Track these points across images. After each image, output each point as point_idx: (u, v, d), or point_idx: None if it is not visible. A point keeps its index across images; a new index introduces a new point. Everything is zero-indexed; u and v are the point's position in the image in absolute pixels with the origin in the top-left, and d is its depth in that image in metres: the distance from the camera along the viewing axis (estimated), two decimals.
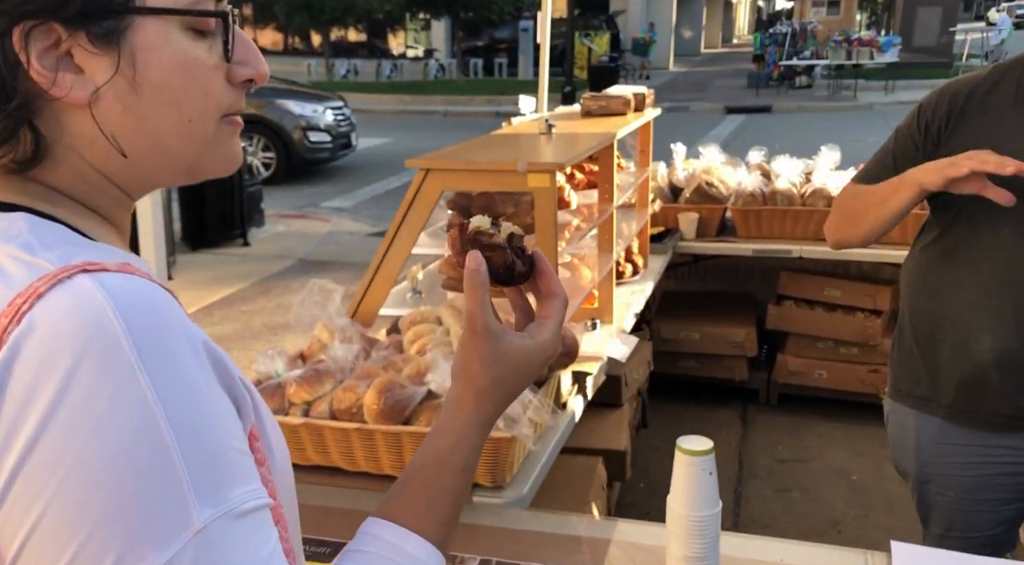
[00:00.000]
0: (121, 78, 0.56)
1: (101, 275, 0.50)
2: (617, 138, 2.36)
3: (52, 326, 0.48)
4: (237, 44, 0.61)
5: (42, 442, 0.46)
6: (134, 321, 0.49)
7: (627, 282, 2.76)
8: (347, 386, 1.63)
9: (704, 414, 3.52)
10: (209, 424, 0.50)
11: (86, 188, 0.59)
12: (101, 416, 0.47)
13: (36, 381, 0.47)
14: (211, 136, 0.61)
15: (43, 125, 0.56)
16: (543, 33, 3.57)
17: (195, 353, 0.52)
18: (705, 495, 1.27)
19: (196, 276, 5.66)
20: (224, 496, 0.50)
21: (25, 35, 0.52)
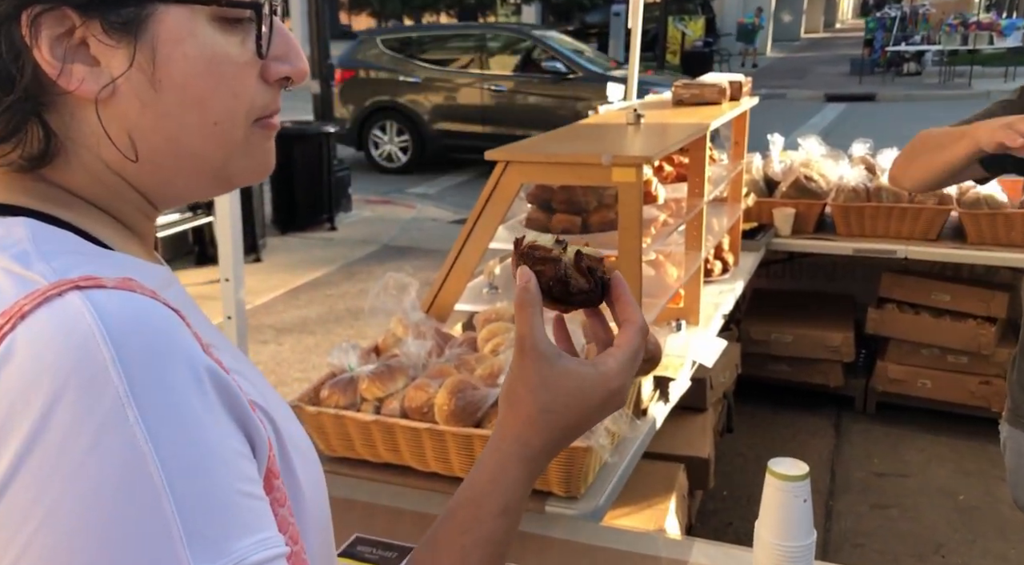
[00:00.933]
0: (139, 73, 0.50)
1: (95, 293, 0.44)
2: (710, 129, 2.23)
3: (33, 352, 0.42)
4: (274, 38, 0.54)
5: (13, 490, 0.40)
6: (125, 347, 0.42)
7: (716, 281, 2.62)
8: (419, 384, 1.59)
9: (794, 421, 3.34)
10: (209, 467, 0.44)
11: (103, 191, 0.54)
12: (81, 459, 0.41)
13: (10, 416, 0.41)
14: (240, 141, 0.54)
15: (55, 120, 0.51)
16: (635, 18, 3.44)
17: (197, 383, 0.45)
18: (798, 524, 1.16)
19: (284, 259, 5.79)
20: (225, 548, 0.43)
21: (33, 19, 0.47)
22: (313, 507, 0.55)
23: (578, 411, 0.61)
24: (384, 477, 1.59)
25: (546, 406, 0.60)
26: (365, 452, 1.61)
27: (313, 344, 4.29)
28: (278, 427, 0.53)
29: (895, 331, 3.26)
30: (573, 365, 0.61)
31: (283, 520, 0.50)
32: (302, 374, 3.90)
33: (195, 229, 5.33)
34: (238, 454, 0.46)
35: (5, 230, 0.48)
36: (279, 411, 0.55)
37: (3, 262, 0.46)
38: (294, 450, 0.55)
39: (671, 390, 1.90)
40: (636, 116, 2.21)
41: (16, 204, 0.50)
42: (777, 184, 3.24)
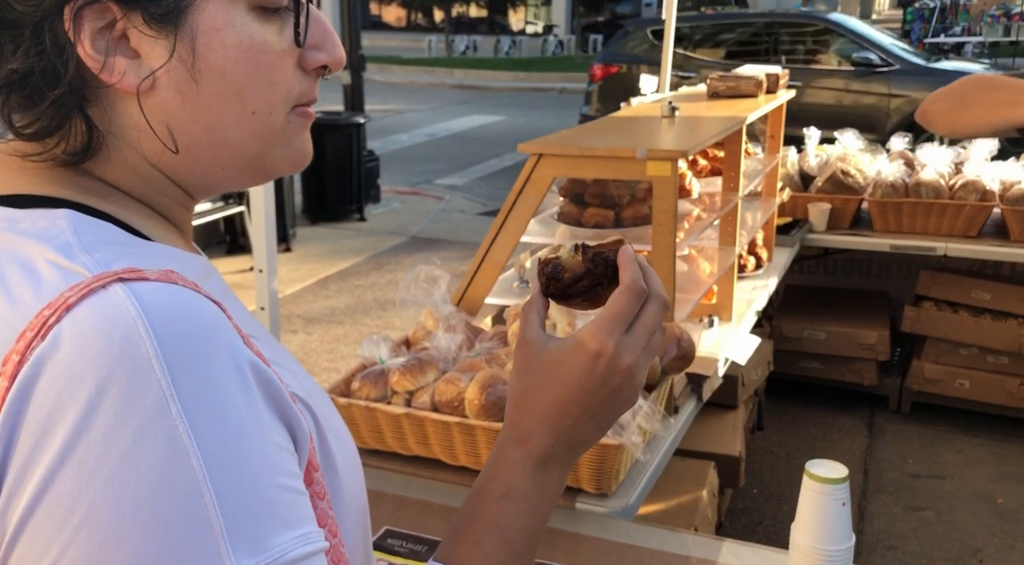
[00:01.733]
0: (179, 64, 0.49)
1: (138, 285, 0.44)
2: (746, 123, 2.19)
3: (77, 345, 0.42)
4: (311, 26, 0.54)
5: (58, 481, 0.40)
6: (169, 340, 0.42)
7: (749, 276, 2.59)
8: (449, 378, 1.59)
9: (826, 419, 3.29)
10: (251, 461, 0.44)
11: (142, 184, 0.53)
12: (124, 454, 0.41)
13: (55, 410, 0.41)
14: (278, 130, 0.54)
15: (96, 114, 0.50)
16: (669, 9, 3.39)
17: (240, 377, 0.45)
18: (836, 528, 1.14)
19: (313, 249, 5.83)
20: (266, 544, 0.43)
21: (76, 13, 0.47)
22: (351, 496, 0.55)
23: (561, 383, 0.59)
24: (414, 470, 1.59)
25: (530, 386, 0.60)
26: (395, 445, 1.61)
27: (341, 334, 4.31)
28: (317, 417, 0.53)
29: (932, 330, 3.19)
30: (555, 343, 0.60)
31: (322, 513, 0.50)
32: (330, 364, 3.93)
33: (226, 219, 5.38)
34: (279, 448, 0.46)
35: (48, 222, 0.48)
36: (317, 399, 0.55)
37: (47, 253, 0.46)
38: (334, 439, 0.54)
39: (703, 387, 1.87)
40: (671, 109, 2.18)
41: (57, 196, 0.50)
42: (813, 179, 3.18)
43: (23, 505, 0.41)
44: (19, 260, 0.46)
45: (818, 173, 3.16)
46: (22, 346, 0.42)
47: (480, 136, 10.70)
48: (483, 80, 16.83)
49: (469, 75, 17.38)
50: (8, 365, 0.42)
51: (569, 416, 0.59)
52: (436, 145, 10.12)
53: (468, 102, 14.18)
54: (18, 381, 0.41)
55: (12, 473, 0.41)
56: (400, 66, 18.15)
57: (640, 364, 0.59)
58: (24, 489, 0.41)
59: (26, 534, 0.41)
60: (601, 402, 0.59)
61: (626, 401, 0.60)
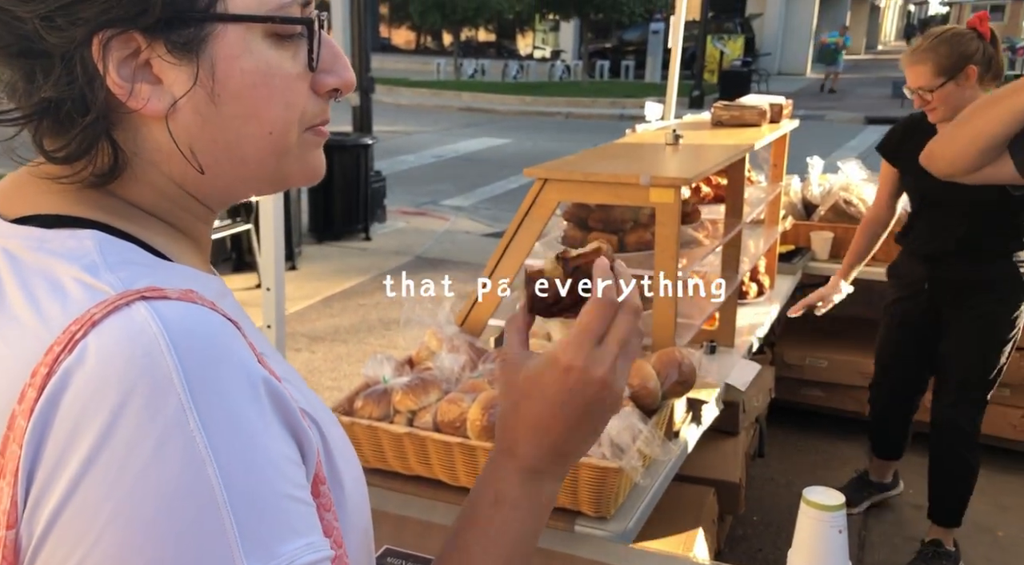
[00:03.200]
0: (200, 89, 0.52)
1: (160, 303, 0.46)
2: (750, 152, 2.22)
3: (102, 359, 0.44)
4: (323, 51, 0.57)
5: (81, 490, 0.43)
6: (188, 357, 0.45)
7: (751, 303, 2.60)
8: (452, 398, 1.60)
9: (827, 447, 3.28)
10: (263, 472, 0.46)
11: (164, 202, 0.56)
12: (146, 462, 0.43)
13: (81, 419, 0.43)
14: (293, 148, 0.57)
15: (121, 137, 0.53)
16: (675, 37, 3.44)
17: (253, 393, 0.47)
18: (833, 555, 1.15)
19: (318, 268, 5.86)
20: (276, 551, 0.45)
21: (104, 44, 0.50)
22: (355, 512, 0.57)
23: (539, 398, 0.61)
24: (415, 490, 1.60)
25: (513, 403, 0.62)
26: (397, 464, 1.62)
27: (345, 353, 4.33)
28: (324, 433, 0.55)
29: None
30: (532, 360, 0.62)
31: (328, 525, 0.51)
32: (333, 382, 3.94)
33: (233, 236, 5.42)
34: (289, 460, 0.48)
35: (76, 242, 0.50)
36: (324, 416, 0.57)
37: (74, 272, 0.49)
38: (339, 456, 0.56)
39: (703, 413, 1.88)
40: (675, 137, 2.21)
41: (84, 216, 0.53)
42: (815, 207, 3.21)
43: (50, 509, 0.43)
44: (48, 278, 0.49)
45: (821, 202, 3.19)
46: (50, 359, 0.44)
47: (487, 158, 10.78)
48: (490, 103, 16.98)
49: (477, 98, 17.53)
50: (37, 377, 0.44)
51: (551, 430, 0.61)
52: (443, 166, 10.19)
53: (475, 125, 14.30)
54: (46, 392, 0.44)
55: (40, 479, 0.43)
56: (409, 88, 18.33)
57: (617, 373, 0.60)
58: (51, 494, 0.43)
59: (53, 536, 0.43)
60: (580, 415, 0.60)
61: (608, 409, 0.61)
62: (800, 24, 24.97)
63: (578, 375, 0.59)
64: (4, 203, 0.54)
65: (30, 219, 0.52)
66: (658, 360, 1.67)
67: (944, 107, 2.21)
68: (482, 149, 11.58)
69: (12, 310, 0.48)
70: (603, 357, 0.59)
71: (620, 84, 20.07)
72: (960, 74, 2.18)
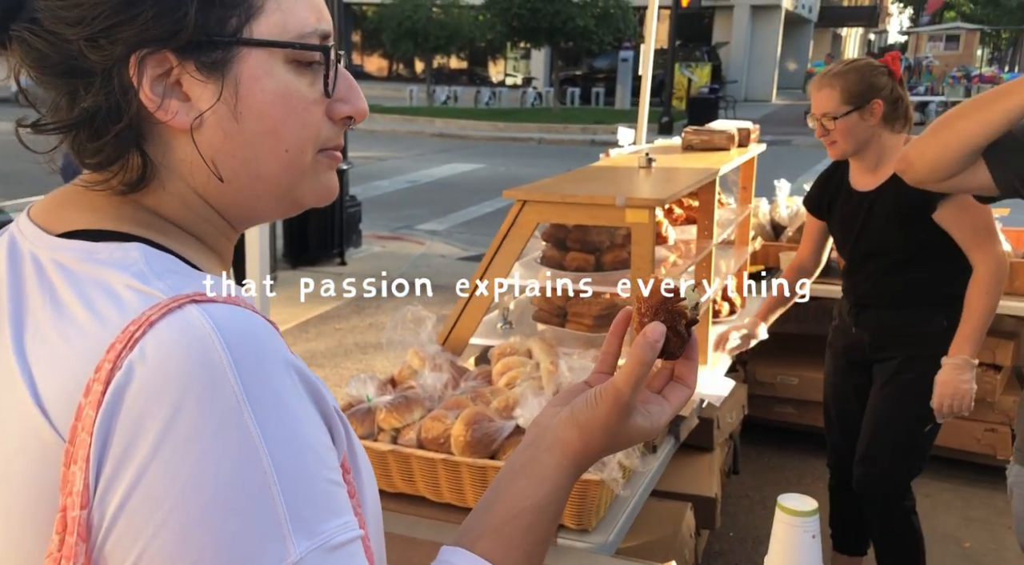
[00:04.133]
0: (223, 105, 0.57)
1: (209, 306, 0.51)
2: (719, 175, 2.30)
3: (162, 355, 0.49)
4: (339, 81, 0.62)
5: (150, 474, 0.47)
6: (239, 354, 0.49)
7: (723, 321, 2.67)
8: (436, 415, 1.63)
9: (800, 464, 3.35)
10: (307, 458, 0.51)
11: (191, 216, 0.60)
12: (206, 449, 0.48)
13: (146, 410, 0.48)
14: (308, 167, 0.62)
15: (151, 149, 0.58)
16: (646, 65, 3.55)
17: (295, 386, 0.52)
18: (807, 559, 1.19)
19: (294, 293, 5.85)
20: (319, 529, 0.50)
21: (140, 62, 0.55)
22: (372, 504, 0.61)
23: (622, 447, 0.68)
24: (398, 507, 1.62)
25: (608, 447, 0.67)
26: (381, 482, 1.64)
27: (323, 377, 4.30)
28: (347, 429, 0.59)
29: None
30: (640, 420, 0.67)
31: (354, 509, 0.55)
32: None
33: None
34: (326, 447, 0.53)
35: (123, 253, 0.55)
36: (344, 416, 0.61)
37: (126, 280, 0.53)
38: (358, 449, 0.61)
39: (680, 428, 1.93)
40: (648, 160, 2.28)
41: (125, 231, 0.57)
42: (783, 228, 3.30)
43: (121, 491, 0.47)
44: (101, 285, 0.53)
45: (788, 223, 3.28)
46: (113, 356, 0.49)
47: (461, 183, 10.85)
48: (463, 129, 17.11)
49: (450, 124, 17.67)
50: (102, 372, 0.49)
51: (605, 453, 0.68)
52: (417, 192, 10.24)
53: (449, 150, 14.40)
54: (112, 385, 0.48)
55: (110, 464, 0.48)
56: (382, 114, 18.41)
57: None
58: (122, 478, 0.47)
59: (123, 517, 0.47)
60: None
61: None
62: (765, 52, 25.60)
63: (655, 434, 0.71)
64: (48, 220, 0.58)
65: (75, 234, 0.57)
66: None
67: (844, 141, 2.09)
68: (456, 174, 11.66)
69: (70, 314, 0.52)
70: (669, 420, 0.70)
71: (591, 110, 20.36)
72: (866, 107, 2.05)
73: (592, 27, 18.73)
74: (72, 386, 0.49)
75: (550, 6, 18.39)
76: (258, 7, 0.57)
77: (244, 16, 0.57)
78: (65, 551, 0.48)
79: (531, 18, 18.60)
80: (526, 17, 18.65)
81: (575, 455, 0.66)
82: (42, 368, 0.52)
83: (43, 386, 0.51)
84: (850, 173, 2.25)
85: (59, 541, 0.48)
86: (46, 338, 0.52)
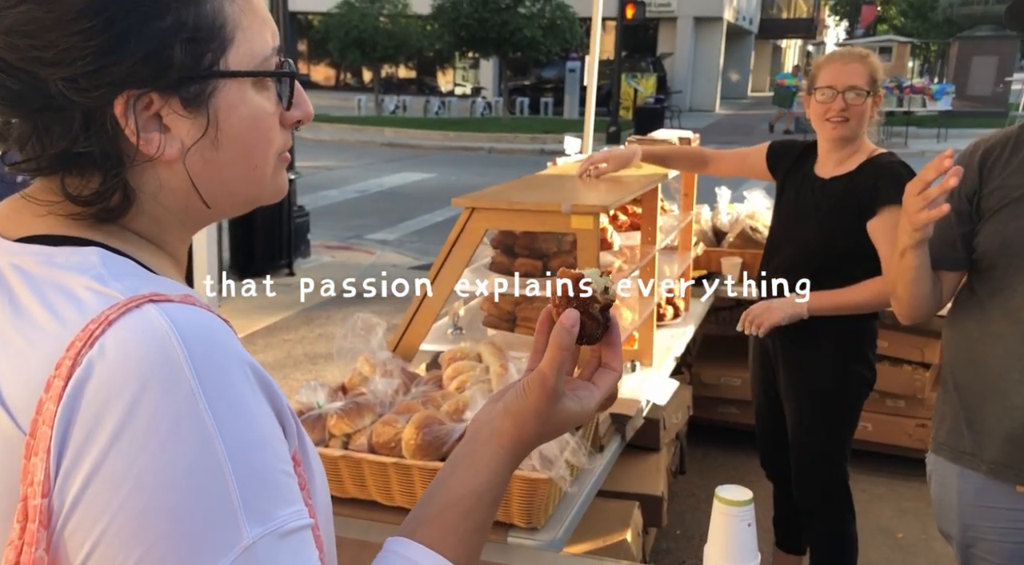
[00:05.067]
0: (206, 136, 0.60)
1: (166, 305, 0.54)
2: (662, 182, 2.38)
3: (121, 352, 0.51)
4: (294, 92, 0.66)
5: (109, 461, 0.50)
6: (195, 350, 0.52)
7: (668, 325, 2.75)
8: (386, 420, 1.65)
9: (745, 462, 3.44)
10: (260, 448, 0.54)
11: (156, 229, 0.63)
12: (163, 439, 0.50)
13: (106, 403, 0.50)
14: (269, 175, 0.66)
15: (131, 178, 0.60)
16: (590, 76, 3.63)
17: (248, 380, 0.55)
18: (743, 547, 1.25)
19: (241, 304, 5.77)
20: (272, 515, 0.53)
21: (127, 104, 0.57)
22: (323, 499, 0.64)
23: (555, 435, 0.73)
24: (351, 512, 1.63)
25: (542, 433, 0.71)
26: (332, 488, 1.65)
27: None
28: (299, 425, 0.63)
29: None
30: (569, 404, 0.71)
31: (304, 500, 0.58)
32: None
33: None
34: (279, 439, 0.56)
35: (81, 257, 0.57)
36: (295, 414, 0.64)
37: (84, 282, 0.55)
38: (310, 447, 0.64)
39: (626, 427, 1.99)
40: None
41: (83, 237, 0.59)
42: (725, 234, 3.41)
43: (80, 480, 0.50)
44: (60, 288, 0.55)
45: (729, 229, 3.40)
46: (73, 353, 0.51)
47: (411, 193, 10.84)
48: (413, 139, 17.08)
49: (399, 134, 17.62)
50: (62, 369, 0.51)
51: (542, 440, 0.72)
52: (367, 201, 10.20)
53: (398, 160, 14.36)
54: (73, 381, 0.50)
55: (69, 454, 0.50)
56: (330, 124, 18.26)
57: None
58: (81, 467, 0.50)
59: (83, 503, 0.50)
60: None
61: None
62: (708, 63, 26.20)
63: (587, 418, 0.72)
64: (6, 226, 0.60)
65: (33, 239, 0.58)
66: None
67: (857, 121, 2.07)
68: (406, 184, 11.64)
69: (31, 315, 0.55)
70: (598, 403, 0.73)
71: (540, 120, 20.54)
72: (876, 96, 2.10)
73: (539, 38, 18.91)
74: (34, 384, 0.52)
75: (497, 17, 18.53)
76: (229, 39, 0.60)
77: (219, 50, 0.59)
78: (27, 537, 0.50)
79: (479, 28, 18.70)
80: (474, 27, 18.75)
81: (511, 443, 0.70)
82: (4, 368, 0.53)
83: (5, 385, 0.53)
84: (818, 161, 2.22)
85: (20, 529, 0.50)
86: (8, 340, 0.54)
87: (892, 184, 2.01)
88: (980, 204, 1.53)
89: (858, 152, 2.15)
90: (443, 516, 0.68)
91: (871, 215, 2.05)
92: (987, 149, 1.54)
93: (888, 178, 2.04)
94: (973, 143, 1.60)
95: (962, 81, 19.17)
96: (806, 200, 2.20)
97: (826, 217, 2.14)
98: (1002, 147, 1.53)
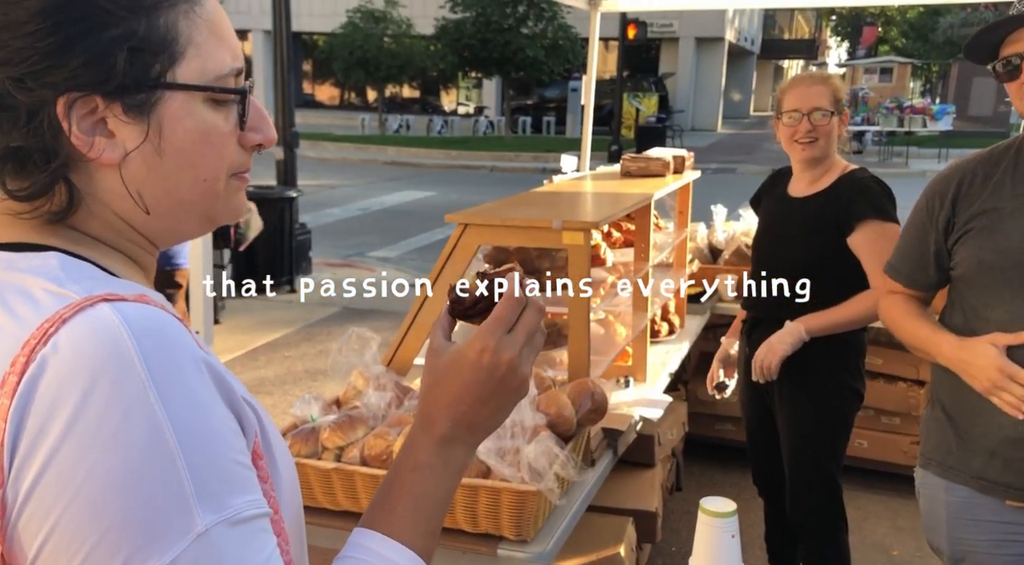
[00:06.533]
0: (148, 143, 0.62)
1: (120, 304, 0.56)
2: (654, 199, 2.41)
3: (74, 348, 0.53)
4: (251, 112, 0.68)
5: (61, 453, 0.51)
6: (146, 345, 0.54)
7: (663, 341, 2.77)
8: (379, 433, 1.67)
9: (741, 479, 3.44)
10: (212, 438, 0.55)
11: (113, 234, 0.65)
12: (115, 430, 0.52)
13: (58, 397, 0.52)
14: (221, 192, 0.68)
15: (77, 180, 0.62)
16: (588, 95, 3.68)
17: (199, 374, 0.57)
18: (727, 558, 1.27)
19: (243, 321, 5.80)
20: (225, 503, 0.54)
21: (69, 105, 0.59)
22: (289, 488, 0.66)
23: (456, 377, 0.72)
24: (343, 524, 1.64)
25: (433, 383, 0.73)
26: (325, 501, 1.67)
27: (271, 404, 4.29)
28: (261, 418, 0.64)
29: None
30: (452, 347, 0.73)
31: (266, 493, 0.60)
32: None
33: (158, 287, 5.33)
34: (233, 431, 0.58)
35: (41, 260, 0.60)
36: (258, 405, 0.66)
37: (42, 283, 0.58)
38: (273, 438, 0.66)
39: (618, 442, 2.00)
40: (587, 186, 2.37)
41: (45, 243, 0.62)
42: (720, 252, 3.44)
43: (33, 472, 0.52)
44: (18, 290, 0.58)
45: (725, 247, 3.42)
46: (27, 350, 0.54)
47: (413, 211, 10.89)
48: (416, 157, 17.19)
49: (402, 152, 17.73)
50: (16, 365, 0.53)
51: (463, 403, 0.72)
52: (369, 219, 10.26)
53: (401, 178, 14.45)
54: (26, 376, 0.53)
55: (23, 447, 0.52)
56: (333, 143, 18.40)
57: (523, 358, 0.72)
58: (33, 460, 0.52)
59: (36, 495, 0.52)
60: (491, 390, 0.71)
61: (515, 390, 0.73)
62: (710, 83, 26.37)
63: (490, 356, 0.70)
64: None
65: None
66: (572, 390, 1.78)
67: (825, 141, 2.13)
68: (408, 202, 11.71)
69: None
70: (512, 343, 0.71)
71: (542, 139, 20.66)
72: (840, 115, 2.16)
73: (542, 58, 19.09)
74: None
75: (500, 37, 18.71)
76: (180, 53, 0.62)
77: (167, 62, 0.61)
78: None
79: (481, 48, 18.88)
80: (477, 47, 18.92)
81: (427, 410, 0.73)
82: None
83: None
84: (791, 181, 2.29)
85: None
86: None
87: (865, 200, 2.09)
88: (954, 228, 1.57)
89: (830, 170, 2.21)
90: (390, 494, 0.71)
91: (848, 231, 2.11)
92: (961, 178, 1.59)
93: (861, 195, 2.11)
94: (950, 168, 1.65)
95: (963, 102, 19.27)
96: (785, 221, 2.25)
97: (810, 234, 2.19)
98: (973, 174, 1.57)
